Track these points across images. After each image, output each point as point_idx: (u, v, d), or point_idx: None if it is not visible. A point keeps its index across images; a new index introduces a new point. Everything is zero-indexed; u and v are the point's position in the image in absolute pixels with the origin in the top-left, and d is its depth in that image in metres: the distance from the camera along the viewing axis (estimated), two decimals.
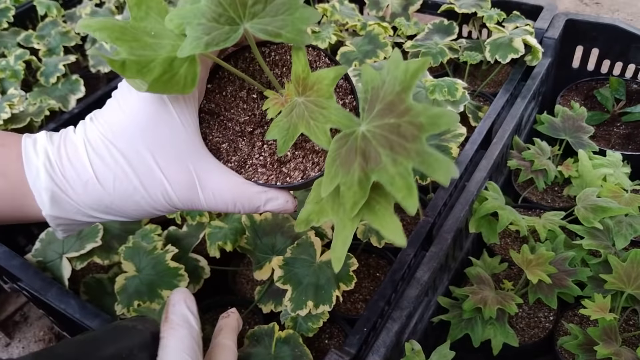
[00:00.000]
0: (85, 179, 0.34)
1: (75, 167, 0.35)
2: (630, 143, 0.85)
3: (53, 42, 1.07)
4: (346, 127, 0.30)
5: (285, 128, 0.33)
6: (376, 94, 0.29)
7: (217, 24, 0.31)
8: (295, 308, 0.55)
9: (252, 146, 0.38)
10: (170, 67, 0.31)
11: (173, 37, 0.32)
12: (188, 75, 0.32)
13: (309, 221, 0.33)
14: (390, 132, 0.28)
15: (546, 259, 0.62)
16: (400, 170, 0.27)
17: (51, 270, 0.66)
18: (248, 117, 0.38)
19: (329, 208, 0.32)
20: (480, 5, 0.91)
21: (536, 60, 0.85)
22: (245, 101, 0.39)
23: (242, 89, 0.39)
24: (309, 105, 0.33)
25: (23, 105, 0.90)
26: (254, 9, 0.32)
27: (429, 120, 0.26)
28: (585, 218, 0.67)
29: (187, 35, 0.31)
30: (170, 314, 0.39)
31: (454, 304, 0.65)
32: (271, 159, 0.38)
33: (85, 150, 0.35)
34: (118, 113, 0.35)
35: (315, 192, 0.33)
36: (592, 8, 1.57)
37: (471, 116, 0.82)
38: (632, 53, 0.89)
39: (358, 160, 0.28)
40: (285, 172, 0.38)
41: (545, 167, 0.77)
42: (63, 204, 0.35)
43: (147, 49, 0.31)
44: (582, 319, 0.66)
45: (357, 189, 0.28)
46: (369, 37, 0.90)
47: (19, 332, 0.91)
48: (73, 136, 0.36)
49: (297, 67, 0.34)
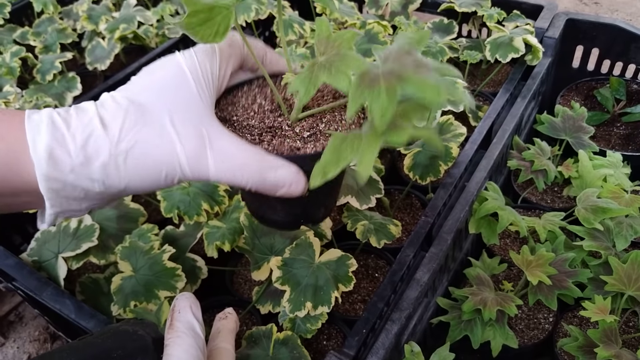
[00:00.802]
0: (90, 130, 0.32)
1: (80, 123, 0.33)
2: (631, 143, 0.85)
3: (49, 39, 1.06)
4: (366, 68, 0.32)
5: (307, 79, 0.34)
6: (388, 53, 0.32)
7: None
8: (294, 309, 0.55)
9: (260, 140, 0.39)
10: (210, 10, 0.34)
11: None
12: (222, 24, 0.35)
13: (327, 172, 0.32)
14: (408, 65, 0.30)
15: (546, 260, 0.62)
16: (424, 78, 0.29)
17: (47, 270, 0.65)
18: (257, 123, 0.39)
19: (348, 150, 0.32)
20: (481, 4, 0.90)
21: (536, 59, 0.84)
22: (257, 112, 0.40)
23: (254, 103, 0.41)
24: (331, 58, 0.34)
25: (19, 102, 0.90)
26: None
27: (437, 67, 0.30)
28: (585, 219, 0.66)
29: None
30: (176, 321, 0.38)
31: (453, 305, 0.65)
32: (281, 146, 0.38)
33: (95, 107, 0.34)
34: (137, 79, 0.36)
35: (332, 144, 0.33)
36: (592, 8, 1.57)
37: (471, 116, 0.82)
38: (633, 53, 0.89)
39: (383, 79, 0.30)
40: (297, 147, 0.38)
41: (545, 167, 0.77)
42: (59, 162, 0.32)
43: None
44: (582, 321, 0.66)
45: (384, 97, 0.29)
46: (368, 35, 0.89)
47: (14, 332, 0.90)
48: (85, 104, 0.35)
49: (320, 30, 0.36)
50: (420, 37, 0.32)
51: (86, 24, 1.07)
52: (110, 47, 1.03)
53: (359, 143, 0.31)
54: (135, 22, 1.04)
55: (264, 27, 1.09)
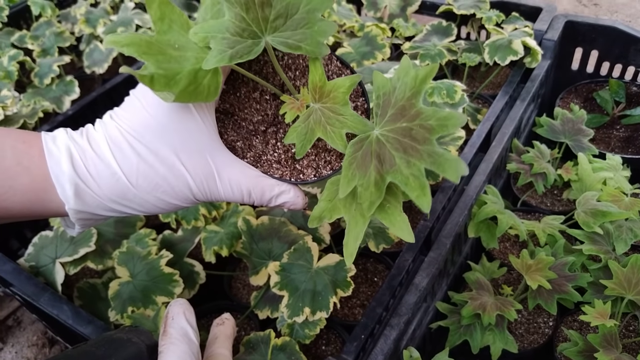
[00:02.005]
0: (109, 173, 0.35)
1: (99, 162, 0.35)
2: (630, 146, 0.85)
3: (47, 43, 1.06)
4: (361, 131, 0.33)
5: (303, 133, 0.35)
6: (388, 100, 0.32)
7: (241, 38, 0.33)
8: (292, 314, 0.55)
9: (266, 143, 0.40)
10: (195, 78, 0.33)
11: (196, 49, 0.34)
12: (211, 85, 0.34)
13: (322, 218, 0.34)
14: (403, 136, 0.30)
15: (546, 264, 0.61)
16: (414, 171, 0.29)
17: (44, 275, 0.65)
18: (261, 116, 0.40)
19: (342, 206, 0.33)
20: (479, 7, 0.90)
21: (535, 62, 0.84)
22: (259, 102, 0.40)
23: (255, 90, 0.40)
24: (326, 111, 0.35)
25: (16, 106, 0.89)
26: (275, 24, 0.33)
27: (439, 123, 0.29)
28: (585, 222, 0.66)
29: (212, 48, 0.32)
30: (169, 328, 0.38)
31: (452, 310, 0.65)
32: (285, 156, 0.39)
33: (108, 146, 0.35)
34: (141, 112, 0.36)
35: (329, 191, 0.35)
36: (591, 9, 1.57)
37: (470, 119, 0.81)
38: (632, 55, 0.88)
39: (374, 163, 0.31)
40: (299, 169, 0.39)
41: (545, 170, 0.76)
42: (86, 198, 0.35)
43: (173, 62, 0.32)
44: (582, 325, 0.66)
45: (373, 189, 0.30)
46: (366, 38, 0.89)
47: (12, 336, 0.89)
48: (94, 133, 0.36)
49: (314, 76, 0.35)
50: (424, 75, 0.31)
51: (84, 27, 1.07)
52: (108, 50, 1.02)
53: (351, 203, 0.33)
54: (133, 25, 1.04)
55: None
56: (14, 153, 0.35)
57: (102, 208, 0.36)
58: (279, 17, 0.33)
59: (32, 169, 0.35)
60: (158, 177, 0.36)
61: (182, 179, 0.37)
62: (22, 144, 0.35)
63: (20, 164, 0.35)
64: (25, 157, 0.35)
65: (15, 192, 0.35)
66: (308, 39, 0.33)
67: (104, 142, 0.36)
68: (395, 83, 0.32)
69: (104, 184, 0.35)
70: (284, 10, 0.33)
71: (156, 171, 0.36)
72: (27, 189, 0.35)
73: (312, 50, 0.34)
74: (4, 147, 0.35)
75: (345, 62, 0.40)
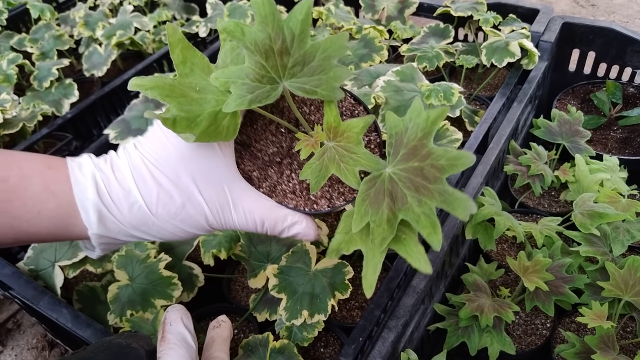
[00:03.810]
0: (132, 200, 0.37)
1: (122, 190, 0.37)
2: (627, 147, 0.85)
3: (46, 46, 1.06)
4: (374, 169, 0.34)
5: (317, 170, 0.36)
6: (400, 139, 0.33)
7: (260, 83, 0.35)
8: (290, 317, 0.55)
9: (281, 174, 0.41)
10: (215, 120, 0.35)
11: (217, 92, 0.35)
12: (230, 126, 0.36)
13: (339, 250, 0.35)
14: (414, 175, 0.32)
15: (543, 265, 0.62)
16: (425, 209, 0.31)
17: (43, 279, 0.65)
18: (277, 148, 0.41)
19: (358, 238, 0.34)
20: (476, 9, 0.90)
21: (532, 63, 0.84)
22: (274, 134, 0.42)
23: (271, 123, 0.42)
24: (339, 149, 0.36)
25: (16, 110, 0.90)
26: (293, 70, 0.35)
27: (449, 162, 0.31)
28: (582, 224, 0.66)
29: (232, 93, 0.34)
30: (167, 333, 0.39)
31: (450, 312, 0.65)
32: (300, 186, 0.41)
33: (132, 174, 0.37)
34: (163, 142, 0.38)
35: (345, 224, 0.36)
36: (588, 10, 1.57)
37: (467, 121, 0.82)
38: (629, 56, 0.89)
39: (386, 200, 0.32)
40: (313, 200, 0.40)
41: (542, 172, 0.77)
42: (108, 224, 0.36)
43: (194, 104, 0.34)
44: (579, 326, 0.66)
45: (385, 226, 0.32)
46: (364, 40, 0.89)
47: (12, 339, 0.90)
48: (118, 161, 0.38)
49: (329, 117, 0.37)
50: (435, 117, 0.32)
51: (83, 30, 1.07)
52: (107, 53, 1.03)
53: (367, 235, 0.33)
54: (132, 29, 1.04)
55: None
56: (43, 179, 0.36)
57: (123, 234, 0.38)
58: (297, 64, 0.35)
59: (59, 195, 0.36)
60: (176, 206, 0.37)
61: (199, 208, 0.38)
62: (50, 169, 0.37)
63: (48, 189, 0.36)
64: (53, 183, 0.36)
65: (43, 217, 0.36)
66: (323, 84, 0.35)
67: (127, 171, 0.37)
68: (408, 123, 0.34)
69: (126, 211, 0.37)
70: (302, 58, 0.35)
71: (175, 200, 0.37)
72: (53, 214, 0.36)
73: (327, 94, 0.36)
74: (32, 173, 0.36)
75: (359, 98, 0.42)
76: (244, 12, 0.91)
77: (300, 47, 0.35)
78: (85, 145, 0.88)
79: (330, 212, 0.40)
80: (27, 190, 0.35)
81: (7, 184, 0.35)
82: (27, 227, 0.35)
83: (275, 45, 0.35)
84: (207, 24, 0.98)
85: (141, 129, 0.81)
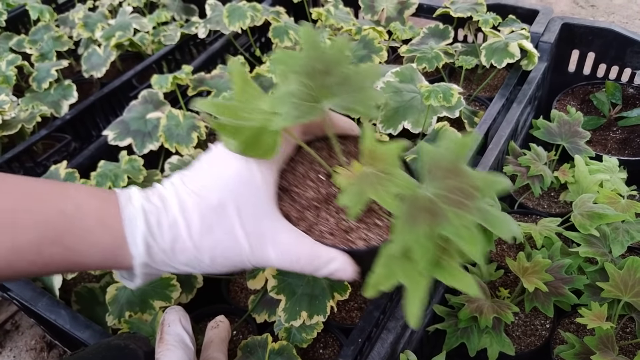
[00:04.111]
0: (176, 232, 0.38)
1: (167, 220, 0.38)
2: (627, 148, 0.85)
3: (45, 47, 1.06)
4: (411, 191, 0.35)
5: (355, 194, 0.37)
6: (435, 164, 0.35)
7: (304, 102, 0.38)
8: (289, 318, 0.55)
9: (318, 216, 0.43)
10: (258, 134, 0.38)
11: (263, 114, 0.39)
12: (270, 143, 0.38)
13: (379, 285, 0.35)
14: (452, 192, 0.33)
15: (542, 266, 0.61)
16: (465, 222, 0.31)
17: (42, 280, 0.65)
18: (315, 194, 0.43)
19: (399, 270, 0.34)
20: (476, 9, 0.90)
21: (532, 64, 0.84)
22: (313, 180, 0.44)
23: (310, 170, 0.45)
24: (377, 173, 0.37)
25: (15, 111, 0.89)
26: (334, 90, 0.39)
27: (485, 183, 0.32)
28: (581, 225, 0.66)
29: (280, 111, 0.37)
30: (166, 334, 0.39)
31: (450, 313, 0.65)
32: (337, 228, 0.42)
33: (177, 205, 0.38)
34: (208, 178, 0.39)
35: (384, 257, 0.36)
36: (588, 11, 1.57)
37: (467, 121, 0.82)
38: (628, 57, 0.89)
39: (425, 217, 0.32)
40: (350, 240, 0.41)
41: (542, 172, 0.76)
42: (154, 254, 0.37)
43: (242, 120, 0.38)
44: (579, 327, 0.66)
45: (425, 242, 0.32)
46: (364, 41, 0.89)
47: (10, 340, 0.90)
48: (164, 191, 0.39)
49: (366, 140, 0.39)
50: (466, 141, 0.35)
51: (82, 31, 1.07)
52: (106, 54, 1.03)
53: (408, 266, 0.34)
54: (131, 30, 1.04)
55: (260, 33, 1.09)
56: (96, 211, 0.37)
57: (166, 265, 0.39)
58: (337, 84, 0.39)
59: (112, 227, 0.37)
60: (217, 238, 0.38)
61: (239, 240, 0.39)
62: (102, 202, 0.38)
63: (102, 222, 0.37)
64: (106, 216, 0.37)
65: (95, 248, 0.36)
66: (361, 103, 0.38)
67: (174, 202, 0.38)
68: (441, 150, 0.36)
69: (170, 242, 0.38)
70: (341, 80, 0.39)
71: (216, 232, 0.38)
72: (105, 245, 0.37)
73: (364, 111, 0.38)
74: (87, 205, 0.37)
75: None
76: (243, 13, 0.91)
77: (340, 70, 0.39)
78: (84, 147, 0.88)
79: (366, 251, 0.40)
80: (82, 222, 0.36)
81: (65, 216, 0.35)
82: (79, 258, 0.36)
83: (318, 66, 0.39)
84: (206, 25, 0.98)
85: (140, 130, 0.81)
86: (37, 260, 0.35)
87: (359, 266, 0.42)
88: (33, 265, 0.35)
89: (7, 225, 0.33)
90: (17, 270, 0.35)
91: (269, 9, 0.97)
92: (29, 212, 0.34)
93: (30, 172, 0.85)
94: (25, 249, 0.34)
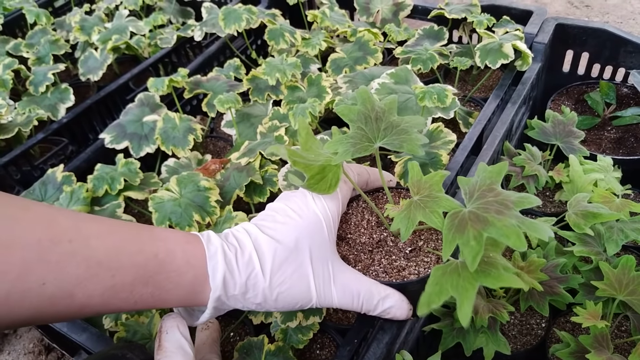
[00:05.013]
0: (250, 269, 0.41)
1: (243, 258, 0.41)
2: (621, 147, 0.85)
3: (42, 51, 1.06)
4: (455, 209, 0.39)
5: (406, 218, 0.42)
6: (472, 188, 0.40)
7: (360, 142, 0.45)
8: (285, 320, 0.55)
9: (372, 259, 0.48)
10: (322, 170, 0.46)
11: (325, 156, 0.47)
12: (333, 178, 0.46)
13: (431, 303, 0.37)
14: (491, 205, 0.37)
15: (537, 266, 0.62)
16: (506, 223, 0.35)
17: None
18: (367, 239, 0.50)
19: (449, 285, 0.37)
20: (470, 11, 0.91)
21: (526, 65, 0.85)
22: (366, 228, 0.51)
23: (363, 219, 0.52)
24: (423, 199, 0.43)
25: (11, 115, 0.90)
26: (384, 133, 0.46)
27: (518, 199, 0.37)
28: (576, 224, 0.66)
29: (339, 150, 0.44)
30: (164, 342, 0.39)
31: (445, 313, 0.65)
32: (390, 267, 0.48)
33: (253, 246, 0.42)
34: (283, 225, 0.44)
35: (434, 276, 0.38)
36: (582, 11, 1.58)
37: (462, 122, 0.82)
38: (622, 57, 0.89)
39: (470, 224, 0.36)
40: (403, 276, 0.47)
41: (536, 172, 0.77)
42: (229, 289, 0.40)
43: (310, 160, 0.46)
44: (574, 326, 0.66)
45: (473, 243, 0.35)
46: (359, 43, 0.90)
47: (8, 344, 0.90)
48: (238, 234, 0.44)
49: (413, 174, 0.46)
50: (499, 169, 0.40)
51: (79, 35, 1.08)
52: (102, 57, 1.03)
53: (457, 279, 0.37)
54: (127, 33, 1.04)
55: (256, 36, 1.10)
56: (183, 253, 0.40)
57: (237, 301, 0.42)
58: (387, 128, 0.46)
59: (196, 267, 0.40)
60: (287, 278, 0.42)
61: (307, 279, 0.43)
62: (188, 244, 0.41)
63: (188, 262, 0.39)
64: (191, 257, 0.40)
65: (180, 287, 0.39)
66: (407, 143, 0.45)
67: (249, 242, 0.42)
68: (477, 178, 0.41)
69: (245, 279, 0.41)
70: (390, 125, 0.46)
71: (287, 273, 0.42)
72: (189, 284, 0.39)
73: (410, 149, 0.44)
74: (175, 248, 0.40)
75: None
76: (239, 16, 0.91)
77: (389, 118, 0.47)
78: (81, 150, 0.89)
79: (418, 281, 0.45)
80: (172, 264, 0.39)
81: (157, 259, 0.38)
82: (165, 296, 0.38)
83: (371, 114, 0.47)
84: (202, 27, 0.99)
85: (137, 132, 0.81)
86: (129, 298, 0.36)
87: (411, 303, 0.47)
88: (124, 302, 0.36)
89: (113, 268, 0.35)
90: (110, 307, 0.36)
91: (264, 11, 0.98)
92: (129, 254, 0.36)
93: (28, 175, 0.85)
94: (121, 288, 0.36)
